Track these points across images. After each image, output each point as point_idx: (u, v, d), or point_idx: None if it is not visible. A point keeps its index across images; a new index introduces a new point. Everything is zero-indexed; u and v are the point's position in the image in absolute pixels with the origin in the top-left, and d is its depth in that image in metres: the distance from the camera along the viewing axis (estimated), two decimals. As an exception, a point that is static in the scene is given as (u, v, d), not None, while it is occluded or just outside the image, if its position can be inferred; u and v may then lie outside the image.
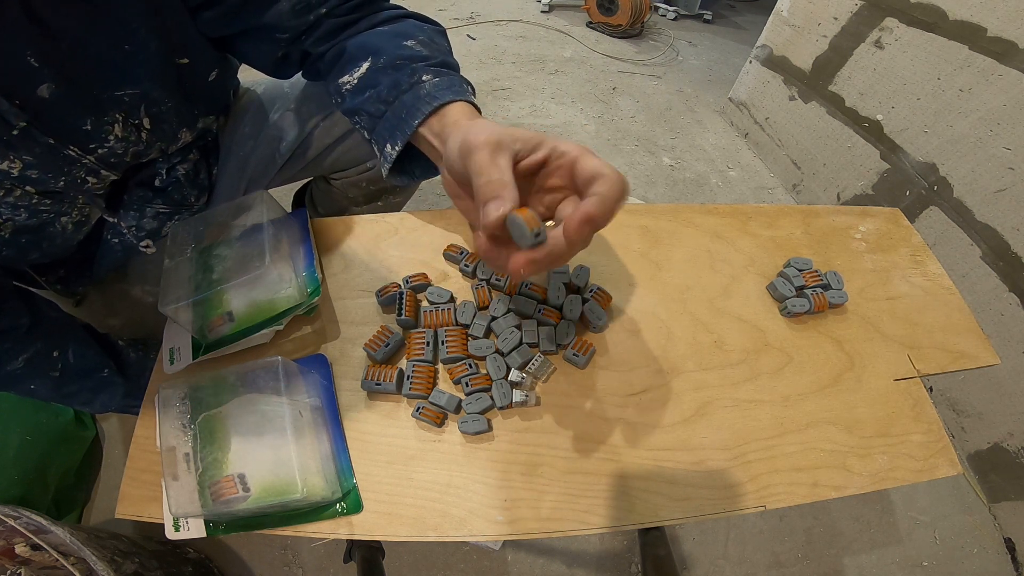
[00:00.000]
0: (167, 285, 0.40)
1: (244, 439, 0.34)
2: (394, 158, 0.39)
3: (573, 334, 0.42)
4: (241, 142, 0.62)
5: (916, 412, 0.42)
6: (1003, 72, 0.93)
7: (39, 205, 0.42)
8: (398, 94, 0.38)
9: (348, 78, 0.42)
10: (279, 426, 0.34)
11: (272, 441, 0.34)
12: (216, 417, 0.35)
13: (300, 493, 0.31)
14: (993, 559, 0.91)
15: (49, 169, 0.40)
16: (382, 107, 0.39)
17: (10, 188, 0.39)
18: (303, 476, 0.32)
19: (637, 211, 0.53)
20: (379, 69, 0.40)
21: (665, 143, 1.70)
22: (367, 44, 0.42)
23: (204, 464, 0.34)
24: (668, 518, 0.36)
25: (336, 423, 0.38)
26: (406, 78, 0.39)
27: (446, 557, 0.82)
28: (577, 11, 2.40)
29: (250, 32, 0.45)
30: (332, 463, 0.36)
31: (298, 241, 0.46)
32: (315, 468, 0.34)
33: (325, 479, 0.34)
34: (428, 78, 0.38)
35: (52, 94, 0.36)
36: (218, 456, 0.34)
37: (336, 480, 0.36)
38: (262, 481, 0.33)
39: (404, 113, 0.38)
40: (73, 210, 0.46)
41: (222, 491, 0.32)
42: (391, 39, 0.42)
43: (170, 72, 0.44)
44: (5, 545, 0.61)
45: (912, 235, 0.54)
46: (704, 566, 0.85)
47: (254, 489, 0.32)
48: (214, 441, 0.34)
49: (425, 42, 0.42)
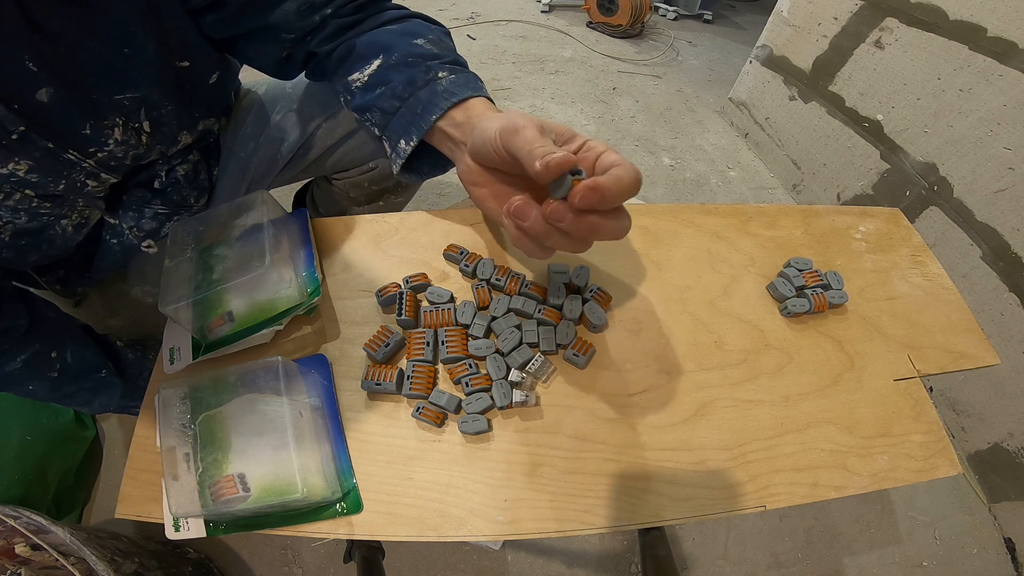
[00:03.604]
0: (167, 285, 0.40)
1: (244, 439, 0.34)
2: (408, 153, 0.39)
3: (573, 334, 0.42)
4: (242, 143, 0.62)
5: (916, 412, 0.42)
6: (1003, 72, 0.93)
7: (39, 208, 0.42)
8: (414, 90, 0.39)
9: (358, 75, 0.42)
10: (279, 426, 0.34)
11: (272, 441, 0.34)
12: (216, 417, 0.35)
13: (300, 493, 0.31)
14: (993, 559, 0.91)
15: (49, 173, 0.39)
16: (396, 103, 0.39)
17: (10, 192, 0.39)
18: (303, 476, 0.32)
19: (637, 211, 0.53)
20: (391, 66, 0.41)
21: (665, 143, 1.70)
22: (377, 42, 0.42)
23: (204, 464, 0.34)
24: (668, 518, 0.36)
25: (336, 423, 0.38)
26: (421, 75, 0.39)
27: (446, 557, 0.82)
28: (577, 11, 2.40)
29: (254, 33, 0.45)
30: (332, 463, 0.36)
31: (298, 241, 0.46)
32: (315, 468, 0.34)
33: (325, 479, 0.35)
34: (444, 75, 0.39)
35: (51, 98, 0.36)
36: (218, 456, 0.34)
37: (336, 480, 0.36)
38: (262, 481, 0.33)
39: (420, 109, 0.38)
40: (73, 213, 0.46)
41: (222, 491, 0.33)
42: (401, 37, 0.42)
43: (170, 75, 0.44)
44: (5, 545, 0.61)
45: (912, 235, 0.54)
46: (704, 566, 0.85)
47: (254, 489, 0.33)
48: (214, 441, 0.34)
49: (435, 41, 0.43)
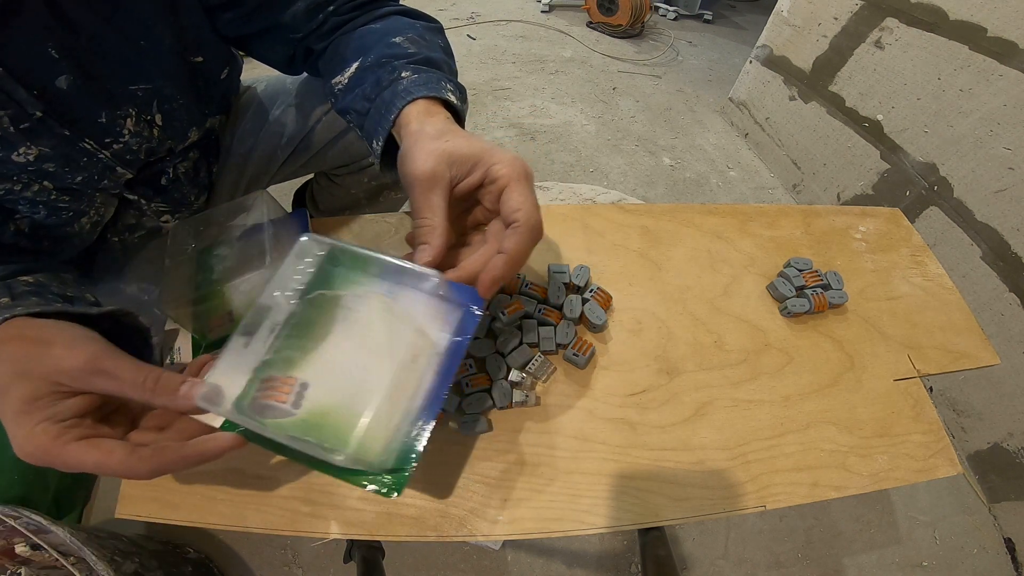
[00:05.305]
0: (167, 285, 0.40)
1: (337, 347, 0.28)
2: (379, 153, 0.39)
3: (573, 334, 0.42)
4: (242, 139, 0.62)
5: (916, 412, 0.42)
6: (1003, 72, 0.93)
7: (57, 202, 0.42)
8: (379, 91, 0.39)
9: (340, 78, 0.43)
10: (384, 360, 0.28)
11: (366, 363, 0.28)
12: (328, 302, 0.29)
13: (349, 450, 0.26)
14: (993, 559, 0.91)
15: (66, 163, 0.40)
16: (367, 104, 0.40)
17: (28, 182, 0.39)
18: (365, 434, 0.27)
19: (637, 211, 0.53)
20: (367, 68, 0.41)
21: (665, 143, 1.70)
22: (357, 44, 0.43)
23: (277, 353, 0.28)
24: (668, 518, 0.36)
25: (446, 382, 0.30)
26: (387, 75, 0.39)
27: (446, 557, 0.82)
28: (577, 11, 2.40)
29: (266, 32, 0.46)
30: (407, 431, 0.28)
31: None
32: (384, 429, 0.27)
33: (387, 446, 0.27)
34: (407, 75, 0.39)
35: (70, 86, 0.37)
36: (294, 355, 0.28)
37: (397, 452, 0.28)
38: (318, 406, 0.27)
39: (384, 109, 0.38)
40: (91, 209, 0.46)
41: (270, 395, 0.27)
42: (380, 38, 0.43)
43: (183, 70, 0.45)
44: (5, 545, 0.61)
45: (912, 235, 0.54)
46: (704, 566, 0.85)
47: (304, 411, 0.27)
48: (307, 332, 0.28)
49: (413, 39, 0.43)
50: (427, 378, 0.29)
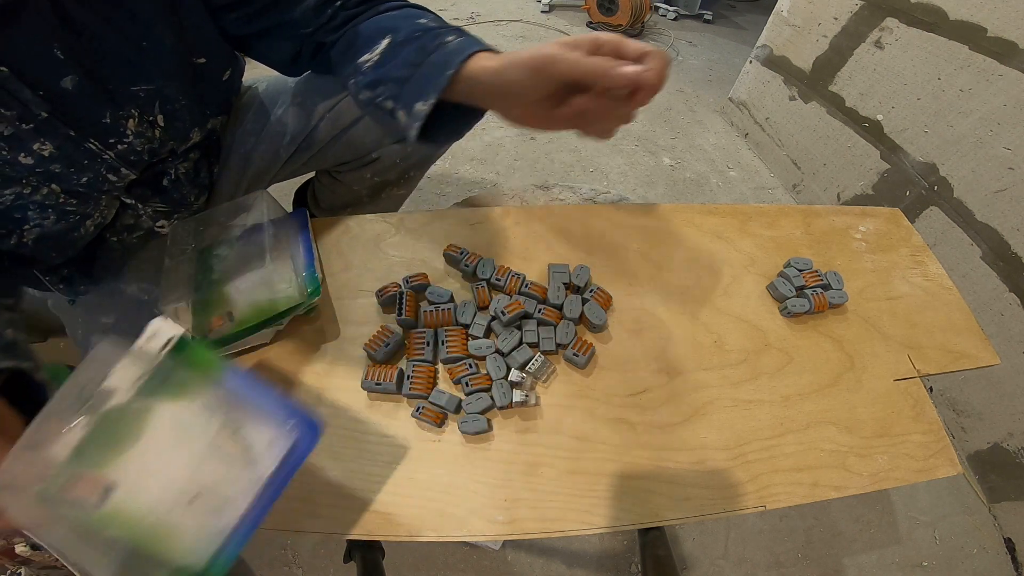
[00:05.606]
0: (167, 285, 0.40)
1: (156, 450, 0.29)
2: (425, 114, 0.39)
3: (573, 334, 0.42)
4: (242, 139, 0.62)
5: (916, 412, 0.42)
6: (1003, 72, 0.93)
7: (65, 205, 0.42)
8: (426, 56, 0.40)
9: (369, 56, 0.44)
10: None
11: (181, 474, 0.28)
12: (158, 403, 0.29)
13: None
14: (993, 559, 0.91)
15: (72, 164, 0.40)
16: (410, 70, 0.41)
17: (36, 185, 0.39)
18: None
19: (637, 211, 0.53)
20: (400, 43, 0.42)
21: (665, 143, 1.70)
22: (382, 25, 0.44)
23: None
24: (668, 518, 0.36)
25: (262, 513, 0.29)
26: (431, 41, 0.41)
27: (446, 557, 0.82)
28: (577, 11, 2.40)
29: (273, 30, 0.46)
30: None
31: (298, 241, 0.46)
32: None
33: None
34: (452, 38, 0.40)
35: (75, 86, 0.37)
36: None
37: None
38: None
39: (436, 70, 0.39)
40: (96, 212, 0.46)
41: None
42: (404, 19, 0.44)
43: (186, 71, 0.45)
44: (5, 545, 0.61)
45: (912, 235, 0.54)
46: (704, 566, 0.85)
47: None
48: (126, 431, 0.28)
49: (435, 19, 0.45)
50: (243, 500, 0.29)
